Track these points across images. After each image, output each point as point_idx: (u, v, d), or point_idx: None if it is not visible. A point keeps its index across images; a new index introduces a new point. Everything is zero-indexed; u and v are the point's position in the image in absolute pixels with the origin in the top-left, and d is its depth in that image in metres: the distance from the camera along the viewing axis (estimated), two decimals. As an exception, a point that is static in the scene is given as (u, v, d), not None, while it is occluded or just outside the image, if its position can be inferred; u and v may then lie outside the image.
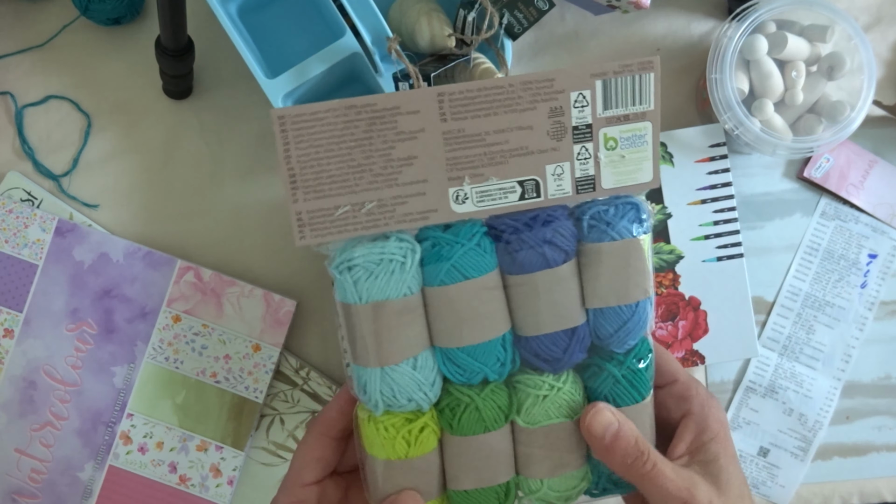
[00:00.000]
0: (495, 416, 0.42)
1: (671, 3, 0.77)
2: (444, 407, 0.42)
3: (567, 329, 0.41)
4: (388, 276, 0.39)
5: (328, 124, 0.39)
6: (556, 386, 0.43)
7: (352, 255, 0.40)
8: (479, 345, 0.41)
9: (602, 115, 0.41)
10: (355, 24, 0.65)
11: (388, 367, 0.40)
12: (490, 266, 0.40)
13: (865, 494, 0.76)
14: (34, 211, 0.72)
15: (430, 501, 0.43)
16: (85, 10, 0.71)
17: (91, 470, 0.72)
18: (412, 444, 0.41)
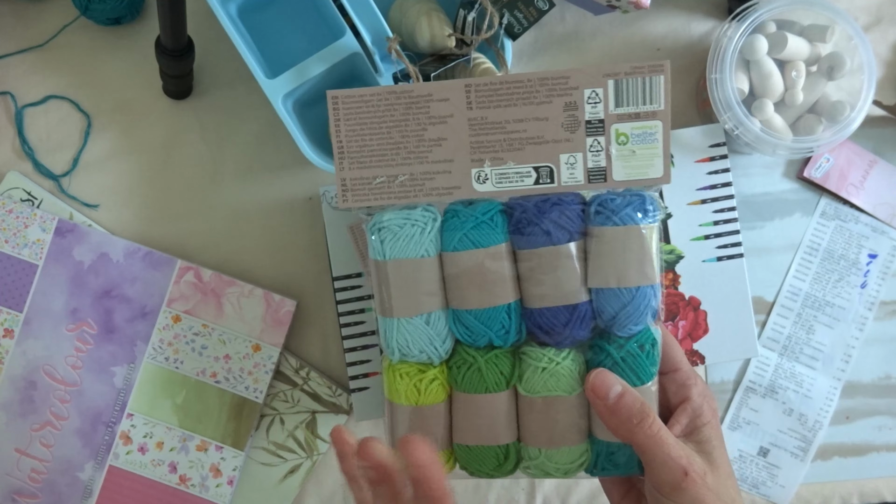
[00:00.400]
0: (496, 379, 0.46)
1: (671, 3, 0.77)
2: (453, 364, 0.47)
3: (569, 305, 0.45)
4: (409, 239, 0.44)
5: (372, 106, 0.46)
6: (556, 360, 0.46)
7: (381, 217, 0.45)
8: (485, 310, 0.45)
9: (614, 112, 0.44)
10: (355, 24, 0.65)
11: (405, 318, 0.46)
12: (500, 239, 0.44)
13: (865, 494, 0.76)
14: (34, 211, 0.72)
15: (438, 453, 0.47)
16: (85, 10, 0.71)
17: (91, 470, 0.72)
18: (422, 393, 0.46)
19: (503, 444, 0.47)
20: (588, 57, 0.77)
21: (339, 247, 0.72)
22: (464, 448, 0.47)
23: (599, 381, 0.45)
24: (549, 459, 0.47)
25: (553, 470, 0.48)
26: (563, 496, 0.75)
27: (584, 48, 0.77)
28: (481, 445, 0.47)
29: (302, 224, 0.75)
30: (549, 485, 0.75)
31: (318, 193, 0.74)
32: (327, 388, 0.74)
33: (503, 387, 0.46)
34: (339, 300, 0.72)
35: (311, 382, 0.74)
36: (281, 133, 0.72)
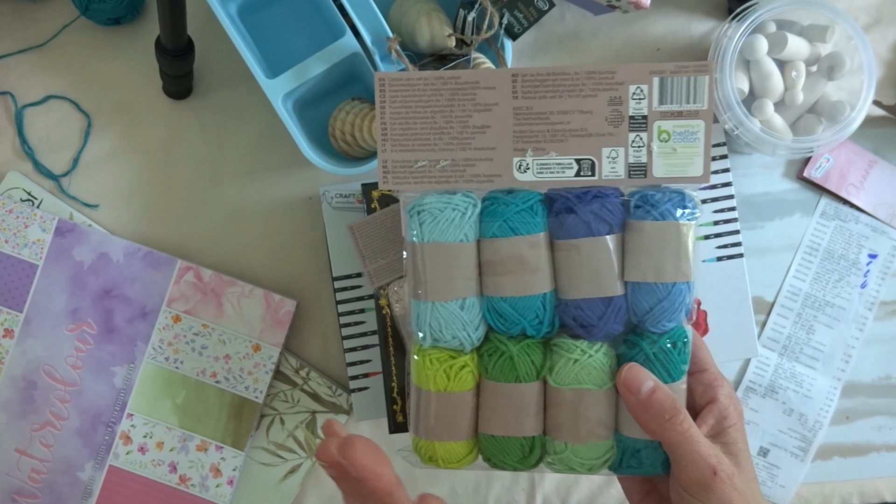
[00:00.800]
0: (527, 369, 0.46)
1: (671, 3, 0.77)
2: (484, 352, 0.47)
3: (604, 297, 0.45)
4: (449, 223, 0.44)
5: (419, 90, 0.46)
6: (589, 353, 0.45)
7: (422, 201, 0.45)
8: (520, 298, 0.45)
9: (657, 109, 0.44)
10: (355, 24, 0.65)
11: (440, 302, 0.45)
12: (539, 228, 0.45)
13: (865, 494, 0.76)
14: (34, 211, 0.72)
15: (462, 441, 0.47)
16: (85, 10, 0.71)
17: (91, 470, 0.72)
18: (451, 379, 0.46)
19: (529, 436, 0.47)
20: (588, 57, 0.77)
21: (339, 247, 0.72)
22: (489, 438, 0.47)
23: (632, 375, 0.45)
24: (575, 454, 0.47)
25: (577, 465, 0.47)
26: (564, 496, 0.75)
27: (584, 48, 0.77)
28: (507, 436, 0.47)
29: (302, 224, 0.75)
30: (550, 485, 0.75)
31: (318, 193, 0.74)
32: (327, 388, 0.74)
33: (533, 378, 0.46)
34: (339, 300, 0.72)
35: (311, 382, 0.74)
36: (281, 133, 0.72)
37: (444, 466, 0.49)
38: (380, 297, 0.69)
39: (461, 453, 0.49)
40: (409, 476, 0.75)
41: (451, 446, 0.48)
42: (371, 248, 0.69)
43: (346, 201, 0.72)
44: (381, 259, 0.68)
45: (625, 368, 0.46)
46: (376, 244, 0.68)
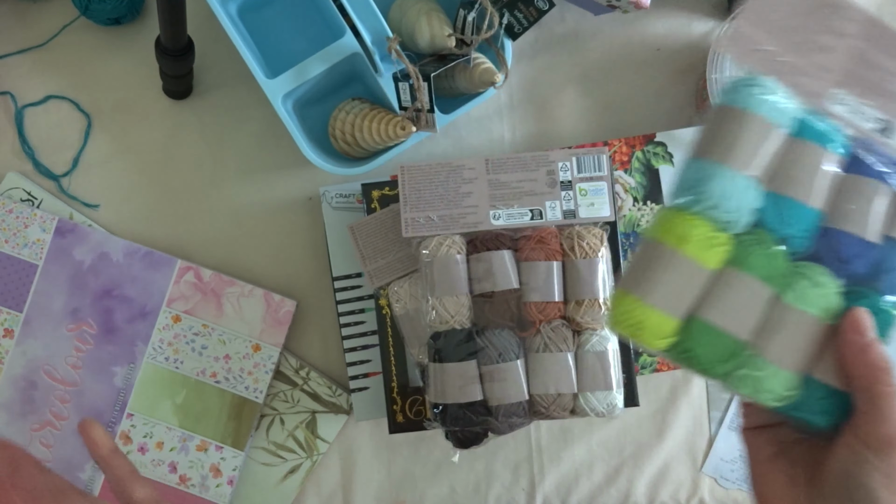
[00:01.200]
0: (775, 272, 0.45)
1: (671, 3, 0.77)
2: (746, 240, 0.46)
3: (866, 240, 0.46)
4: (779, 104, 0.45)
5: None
6: (832, 283, 0.46)
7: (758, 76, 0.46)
8: (801, 204, 0.45)
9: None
10: (355, 24, 0.65)
11: (737, 170, 0.45)
12: (838, 149, 0.46)
13: (865, 494, 0.76)
14: (34, 211, 0.72)
15: (675, 319, 0.45)
16: (85, 10, 0.71)
17: (91, 470, 0.72)
18: (707, 249, 0.44)
19: (741, 338, 0.45)
20: (588, 57, 0.77)
21: (339, 247, 0.72)
22: (704, 326, 0.45)
23: (864, 317, 0.45)
24: (771, 376, 0.45)
25: (765, 391, 0.45)
26: (564, 496, 0.75)
27: (584, 48, 0.77)
28: (723, 329, 0.45)
29: (302, 224, 0.75)
30: (550, 485, 0.75)
31: (318, 193, 0.74)
32: (327, 388, 0.74)
33: (775, 283, 0.46)
34: (339, 300, 0.72)
35: (311, 382, 0.74)
36: (281, 133, 0.72)
37: (639, 338, 0.45)
38: (380, 297, 0.69)
39: (667, 331, 0.45)
40: (409, 474, 0.75)
41: (664, 320, 0.45)
42: (371, 248, 0.69)
43: (346, 201, 0.72)
44: (381, 259, 0.68)
45: (857, 309, 0.45)
46: (376, 244, 0.69)
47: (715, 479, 0.76)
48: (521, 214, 0.66)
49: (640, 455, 0.76)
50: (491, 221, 0.66)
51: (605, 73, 0.77)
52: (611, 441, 0.75)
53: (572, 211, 0.67)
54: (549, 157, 0.67)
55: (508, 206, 0.66)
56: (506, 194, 0.66)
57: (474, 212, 0.66)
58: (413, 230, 0.66)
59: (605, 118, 0.77)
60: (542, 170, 0.67)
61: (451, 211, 0.66)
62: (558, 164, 0.67)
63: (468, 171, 0.67)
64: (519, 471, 0.75)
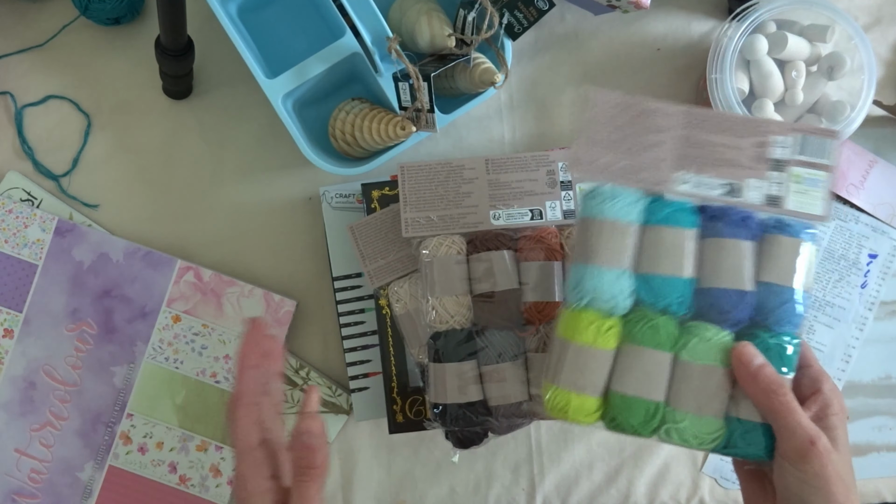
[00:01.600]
0: (666, 339, 0.53)
1: (671, 3, 0.77)
2: (631, 319, 0.54)
3: (739, 290, 0.53)
4: (623, 204, 0.54)
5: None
6: (719, 335, 0.53)
7: (607, 188, 0.55)
8: (668, 277, 0.54)
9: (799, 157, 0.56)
10: (355, 24, 0.65)
11: (603, 266, 0.54)
12: (692, 223, 0.54)
13: (865, 494, 0.76)
14: (34, 211, 0.72)
15: (594, 397, 0.53)
16: (85, 9, 0.71)
17: (91, 470, 0.72)
18: (598, 336, 0.53)
19: (655, 400, 0.53)
20: (588, 57, 0.77)
21: (339, 247, 0.72)
22: (619, 397, 0.53)
23: (746, 350, 0.52)
24: (692, 426, 0.53)
25: (691, 438, 0.53)
26: (563, 496, 0.75)
27: (584, 48, 0.77)
28: (636, 397, 0.53)
29: (302, 224, 0.75)
30: (550, 485, 0.75)
31: (318, 193, 0.74)
32: (327, 388, 0.74)
33: (669, 348, 0.53)
34: (339, 300, 0.72)
35: (311, 382, 0.74)
36: (281, 133, 0.72)
37: (572, 419, 0.54)
38: (380, 297, 0.69)
39: (591, 409, 0.54)
40: (409, 475, 0.75)
41: (585, 400, 0.53)
42: (371, 248, 0.69)
43: (346, 201, 0.72)
44: (381, 259, 0.68)
45: (739, 344, 0.53)
46: (376, 244, 0.69)
47: (715, 480, 0.76)
48: (521, 214, 0.66)
49: (640, 455, 0.76)
50: (491, 221, 0.66)
51: (605, 73, 0.77)
52: (611, 441, 0.75)
53: (573, 211, 0.66)
54: (548, 158, 0.67)
55: (508, 207, 0.66)
56: (506, 194, 0.66)
57: (474, 212, 0.66)
58: (413, 230, 0.65)
59: (605, 118, 0.77)
60: (542, 170, 0.67)
61: (451, 211, 0.66)
62: (558, 164, 0.67)
63: (468, 171, 0.67)
64: (519, 471, 0.75)
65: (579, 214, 0.56)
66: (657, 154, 0.56)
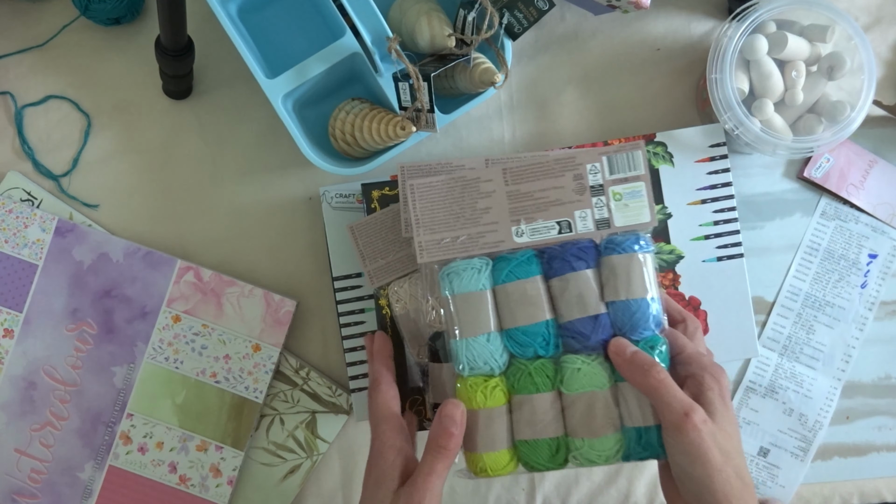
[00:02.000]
0: (544, 381, 0.58)
1: (671, 3, 0.77)
2: (509, 374, 0.59)
3: (592, 315, 0.58)
4: (470, 278, 0.59)
5: (438, 189, 0.61)
6: (588, 362, 0.58)
7: (450, 267, 0.60)
8: (528, 326, 0.58)
9: (609, 178, 0.60)
10: (355, 24, 0.65)
11: (471, 338, 0.59)
12: (535, 272, 0.59)
13: (865, 494, 0.76)
14: (34, 211, 0.72)
15: (503, 450, 0.58)
16: (85, 10, 0.71)
17: (91, 470, 0.72)
18: (487, 397, 0.58)
19: (553, 437, 0.58)
20: (588, 57, 0.77)
21: (339, 247, 0.72)
22: (523, 443, 0.59)
23: (619, 342, 0.57)
24: (592, 448, 0.58)
25: (595, 457, 0.58)
26: (564, 496, 0.75)
27: (584, 48, 0.77)
28: (536, 439, 0.58)
29: (302, 224, 0.75)
30: (549, 485, 0.75)
31: (318, 193, 0.74)
32: (327, 388, 0.74)
33: (549, 388, 0.58)
34: (339, 300, 0.72)
35: (311, 382, 0.74)
36: (281, 133, 0.72)
37: (493, 474, 0.59)
38: (380, 297, 0.69)
39: (504, 461, 0.59)
40: (409, 476, 0.75)
41: (495, 456, 0.58)
42: (371, 248, 0.69)
43: (346, 201, 0.72)
44: (381, 259, 0.68)
45: (613, 340, 0.57)
46: (376, 244, 0.69)
47: (715, 479, 0.76)
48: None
49: (640, 455, 0.76)
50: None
51: (605, 73, 0.77)
52: (611, 441, 0.75)
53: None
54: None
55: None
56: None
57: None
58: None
59: (605, 118, 0.77)
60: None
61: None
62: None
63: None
64: (519, 471, 0.75)
65: (441, 293, 0.60)
66: (491, 217, 0.60)
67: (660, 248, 0.74)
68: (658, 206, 0.74)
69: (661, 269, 0.74)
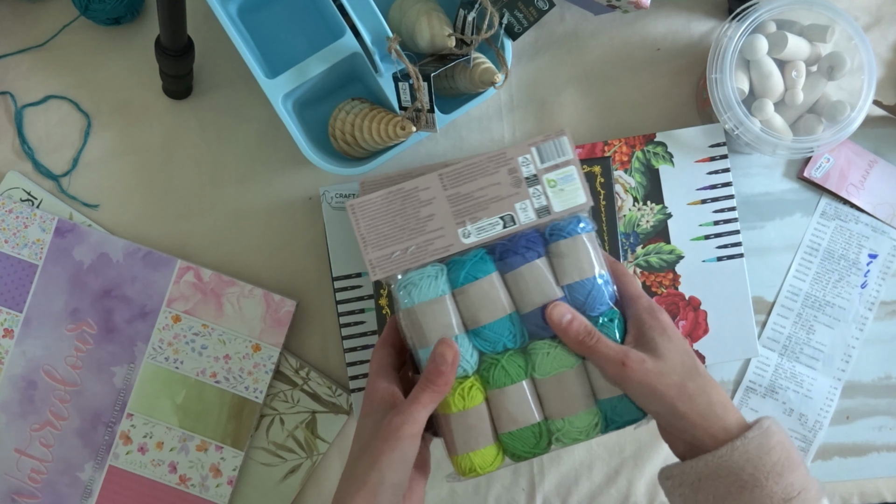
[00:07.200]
0: (517, 371, 0.60)
1: (671, 3, 0.77)
2: (482, 370, 0.60)
3: (549, 301, 0.59)
4: (428, 286, 0.59)
5: (377, 205, 0.60)
6: (555, 345, 0.60)
7: (406, 278, 0.60)
8: (493, 322, 0.59)
9: (541, 167, 0.61)
10: (355, 24, 0.65)
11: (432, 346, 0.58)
12: (490, 271, 0.60)
13: (865, 494, 0.76)
14: (34, 211, 0.72)
15: (489, 446, 0.60)
16: (85, 10, 0.71)
17: (91, 470, 0.72)
18: (465, 398, 0.59)
19: (535, 422, 0.60)
20: (588, 57, 0.77)
21: (339, 247, 0.72)
22: (507, 435, 0.60)
23: (555, 310, 0.58)
24: (572, 425, 0.60)
25: (577, 434, 0.60)
26: (564, 496, 0.75)
27: (584, 48, 0.77)
28: (519, 429, 0.60)
29: (302, 224, 0.75)
30: (549, 485, 0.75)
31: (318, 193, 0.74)
32: (327, 388, 0.74)
33: (523, 376, 0.60)
34: (339, 300, 0.72)
35: (311, 382, 0.74)
36: (281, 133, 0.72)
37: (483, 472, 0.60)
38: (380, 298, 0.69)
39: (491, 456, 0.60)
40: (409, 476, 0.75)
41: (482, 453, 0.59)
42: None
43: (345, 201, 0.72)
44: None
45: (549, 307, 0.59)
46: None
47: (715, 479, 0.76)
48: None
49: (640, 455, 0.76)
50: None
51: (605, 72, 0.77)
52: (611, 441, 0.75)
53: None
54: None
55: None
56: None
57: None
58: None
59: (605, 118, 0.77)
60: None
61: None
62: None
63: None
64: (519, 471, 0.75)
65: (397, 309, 0.60)
66: (436, 223, 0.60)
67: (659, 249, 0.74)
68: (658, 206, 0.74)
69: (661, 269, 0.74)
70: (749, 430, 0.55)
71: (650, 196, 0.74)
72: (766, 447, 0.54)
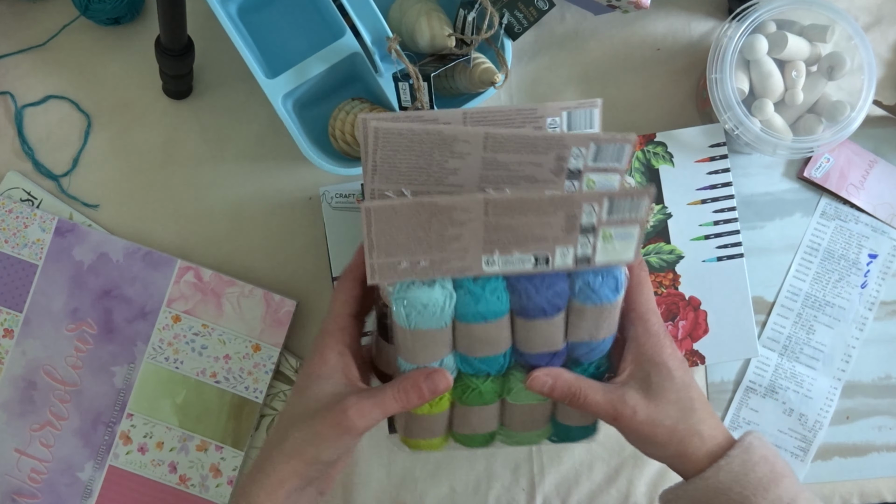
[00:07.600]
0: (491, 397, 0.60)
1: (671, 3, 0.77)
2: (458, 386, 0.59)
3: (551, 351, 0.58)
4: (431, 316, 0.54)
5: (399, 213, 0.52)
6: None
7: (406, 293, 0.54)
8: (486, 357, 0.57)
9: (605, 219, 0.54)
10: (355, 24, 0.65)
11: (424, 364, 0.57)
12: (502, 313, 0.55)
13: (865, 494, 0.76)
14: (34, 211, 0.72)
15: (440, 437, 0.62)
16: (85, 10, 0.71)
17: (91, 470, 0.72)
18: (433, 406, 0.59)
19: (489, 432, 0.63)
20: (588, 57, 0.77)
21: (339, 247, 0.72)
22: (460, 435, 0.63)
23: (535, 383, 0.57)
24: (523, 437, 0.64)
25: (525, 441, 0.64)
26: (564, 496, 0.75)
27: (584, 48, 0.77)
28: (474, 434, 0.63)
29: (302, 224, 0.75)
30: (549, 485, 0.75)
31: (318, 193, 0.74)
32: (327, 388, 0.74)
33: (495, 400, 0.61)
34: (339, 300, 0.72)
35: (311, 382, 0.74)
36: (281, 133, 0.72)
37: (426, 450, 0.64)
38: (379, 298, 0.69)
39: (439, 444, 0.64)
40: (409, 475, 0.75)
41: (432, 442, 0.63)
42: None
43: (346, 201, 0.72)
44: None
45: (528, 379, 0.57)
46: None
47: (715, 479, 0.76)
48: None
49: (640, 455, 0.75)
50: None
51: (605, 73, 0.77)
52: (611, 441, 0.75)
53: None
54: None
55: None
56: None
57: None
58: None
59: (605, 118, 0.76)
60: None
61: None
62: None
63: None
64: (519, 471, 0.75)
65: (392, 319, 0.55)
66: (460, 244, 0.53)
67: (659, 248, 0.74)
68: (658, 206, 0.74)
69: (661, 269, 0.74)
70: (731, 448, 0.55)
71: (650, 196, 0.74)
72: (749, 463, 0.55)
